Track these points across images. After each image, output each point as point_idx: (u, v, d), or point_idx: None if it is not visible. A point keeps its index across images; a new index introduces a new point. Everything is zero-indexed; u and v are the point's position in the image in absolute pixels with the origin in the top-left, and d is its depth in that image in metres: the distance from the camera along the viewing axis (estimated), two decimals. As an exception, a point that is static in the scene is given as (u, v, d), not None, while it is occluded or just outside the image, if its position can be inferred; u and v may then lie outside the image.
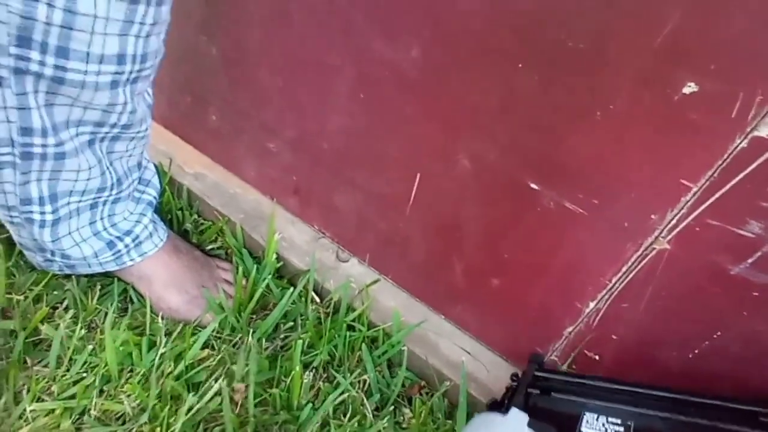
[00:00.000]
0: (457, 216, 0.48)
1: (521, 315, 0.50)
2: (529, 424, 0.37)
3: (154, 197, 0.59)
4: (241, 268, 0.57)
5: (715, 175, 0.33)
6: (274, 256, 0.60)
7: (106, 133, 0.46)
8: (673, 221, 0.36)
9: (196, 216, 0.66)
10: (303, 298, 0.58)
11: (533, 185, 0.41)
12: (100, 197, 0.51)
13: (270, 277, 0.57)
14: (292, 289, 0.56)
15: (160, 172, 0.64)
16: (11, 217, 0.47)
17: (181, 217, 0.65)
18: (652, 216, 0.37)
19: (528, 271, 0.47)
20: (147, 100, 0.49)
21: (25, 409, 0.46)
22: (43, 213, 0.46)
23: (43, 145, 0.41)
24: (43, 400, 0.46)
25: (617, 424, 0.36)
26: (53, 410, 0.46)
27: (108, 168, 0.49)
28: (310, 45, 0.49)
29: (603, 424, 0.37)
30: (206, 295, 0.56)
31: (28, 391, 0.47)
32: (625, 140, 0.36)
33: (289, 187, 0.63)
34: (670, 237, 0.37)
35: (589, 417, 0.37)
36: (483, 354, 0.54)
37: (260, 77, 0.56)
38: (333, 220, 0.61)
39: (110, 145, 0.48)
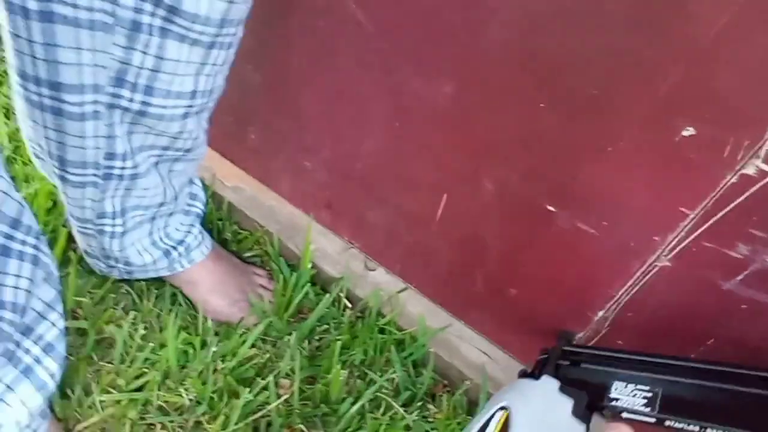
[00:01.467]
0: (480, 232, 0.54)
1: (536, 322, 0.55)
2: (560, 389, 0.39)
3: (201, 210, 0.65)
4: (280, 276, 0.62)
5: (710, 204, 0.39)
6: (309, 264, 0.65)
7: (171, 155, 0.52)
8: (673, 242, 0.42)
9: (235, 227, 0.72)
10: (336, 303, 0.63)
11: (550, 207, 0.47)
12: (159, 211, 0.56)
13: (308, 284, 0.63)
14: (327, 295, 0.62)
15: (204, 186, 0.69)
16: (85, 228, 0.52)
17: (221, 227, 0.71)
18: (655, 237, 0.43)
19: (543, 283, 0.52)
20: (204, 126, 0.55)
21: (94, 400, 0.51)
22: (113, 226, 0.52)
23: (122, 168, 0.47)
24: (110, 392, 0.52)
25: (645, 391, 0.39)
26: (119, 401, 0.51)
27: (168, 185, 0.55)
28: (350, 77, 0.55)
29: (632, 391, 0.39)
30: (251, 299, 0.61)
31: (97, 384, 0.52)
32: (632, 172, 0.41)
33: (322, 201, 0.69)
34: (670, 256, 0.43)
35: (618, 385, 0.40)
36: (500, 357, 0.60)
37: (301, 103, 0.62)
38: (362, 233, 0.67)
39: (172, 165, 0.54)
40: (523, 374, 0.47)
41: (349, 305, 0.64)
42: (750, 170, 0.36)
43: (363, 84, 0.54)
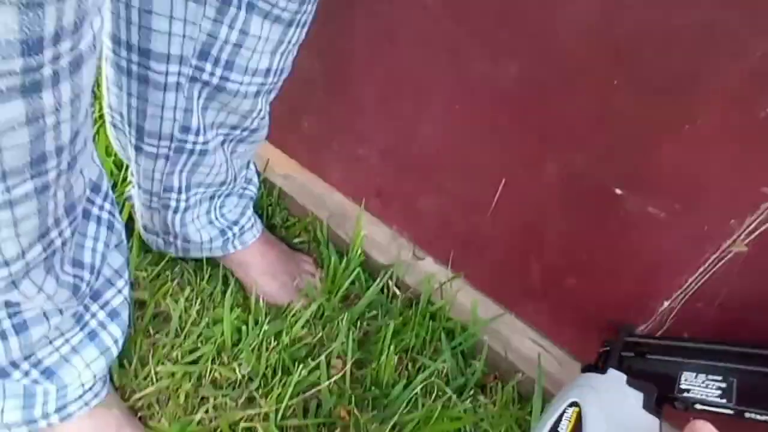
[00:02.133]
0: (538, 219, 0.53)
1: (594, 314, 0.54)
2: (628, 383, 0.38)
3: (254, 193, 0.66)
4: (330, 261, 0.63)
5: (796, 184, 0.37)
6: (359, 251, 0.65)
7: (237, 135, 0.53)
8: (752, 226, 0.41)
9: (284, 213, 0.73)
10: (385, 290, 0.63)
11: (618, 191, 0.46)
12: (218, 190, 0.57)
13: (357, 270, 0.63)
14: (378, 280, 0.62)
15: (258, 171, 0.71)
16: (150, 201, 0.54)
17: (270, 213, 0.72)
18: (732, 221, 0.41)
19: (604, 273, 0.51)
20: (268, 108, 0.56)
21: (150, 371, 0.52)
22: (178, 201, 0.53)
23: (194, 142, 0.48)
24: (165, 365, 0.52)
25: (719, 381, 0.37)
26: (174, 373, 0.52)
27: (230, 165, 0.56)
28: (412, 61, 0.55)
29: (703, 382, 0.37)
30: (303, 283, 0.62)
31: (153, 355, 0.53)
32: (711, 152, 0.40)
33: (373, 190, 0.69)
34: (747, 240, 0.41)
35: (687, 375, 0.38)
36: (554, 350, 0.58)
37: (358, 91, 0.62)
38: (412, 221, 0.67)
39: (236, 146, 0.55)
40: (587, 368, 0.46)
41: (398, 292, 0.64)
42: (844, 146, 0.35)
43: (425, 68, 0.54)
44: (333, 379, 0.52)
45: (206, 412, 0.49)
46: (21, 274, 0.32)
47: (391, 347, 0.55)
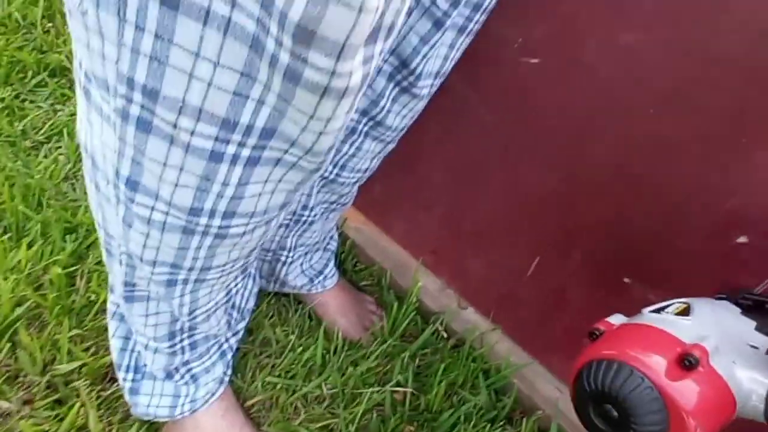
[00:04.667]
0: (564, 290, 0.68)
1: (604, 369, 0.68)
2: (742, 314, 0.38)
3: (335, 248, 0.83)
4: (392, 306, 0.78)
5: None
6: (415, 298, 0.81)
7: (333, 207, 0.69)
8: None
9: (354, 260, 0.89)
10: (435, 333, 0.78)
11: (626, 279, 0.61)
12: (312, 247, 0.74)
13: (413, 313, 0.79)
14: (431, 325, 0.77)
15: (337, 226, 0.87)
16: (266, 255, 0.71)
17: (343, 258, 0.88)
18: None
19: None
20: (356, 190, 0.73)
21: (257, 384, 0.68)
22: (287, 257, 0.70)
23: (308, 216, 0.65)
24: (268, 378, 0.69)
25: None
26: (276, 385, 0.68)
27: (322, 229, 0.73)
28: (471, 154, 0.71)
29: None
30: (376, 323, 0.78)
31: (260, 371, 0.70)
32: (696, 262, 0.54)
33: (429, 248, 0.85)
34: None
35: None
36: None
37: (426, 167, 0.79)
38: (459, 277, 0.82)
39: (329, 214, 0.72)
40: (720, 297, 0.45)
41: (445, 335, 0.79)
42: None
43: (483, 160, 0.70)
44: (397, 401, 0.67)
45: (300, 421, 0.65)
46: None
47: (441, 382, 0.70)
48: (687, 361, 0.31)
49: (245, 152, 0.33)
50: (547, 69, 0.58)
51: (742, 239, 0.50)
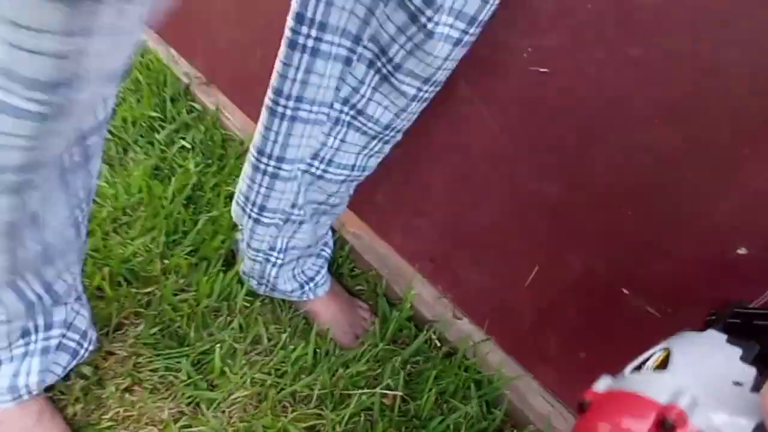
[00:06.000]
0: (560, 302, 0.68)
1: (598, 384, 0.67)
2: (728, 341, 0.36)
3: (330, 255, 0.82)
4: (389, 313, 0.78)
5: None
6: (409, 305, 0.80)
7: (323, 209, 0.70)
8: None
9: (351, 265, 0.89)
10: (428, 341, 0.77)
11: (624, 290, 0.61)
12: (304, 251, 0.74)
13: (405, 320, 0.78)
14: (424, 332, 0.76)
15: (333, 231, 0.87)
16: (257, 256, 0.71)
17: (340, 262, 0.88)
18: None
19: (610, 353, 0.65)
20: (351, 191, 0.73)
21: (245, 378, 0.67)
22: (277, 258, 0.70)
23: (297, 215, 0.66)
24: (258, 375, 0.68)
25: None
26: (265, 382, 0.67)
27: (314, 233, 0.73)
28: (474, 165, 0.72)
29: None
30: (369, 331, 0.77)
31: (249, 368, 0.68)
32: (692, 271, 0.55)
33: (427, 255, 0.84)
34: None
35: None
36: (561, 410, 0.71)
37: (426, 177, 0.79)
38: (455, 286, 0.82)
39: (320, 218, 0.72)
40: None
41: (438, 344, 0.78)
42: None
43: (483, 170, 0.71)
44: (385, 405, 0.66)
45: (288, 419, 0.64)
46: None
47: (431, 389, 0.69)
48: (664, 425, 0.31)
49: None
50: (556, 78, 0.59)
51: (742, 250, 0.51)
